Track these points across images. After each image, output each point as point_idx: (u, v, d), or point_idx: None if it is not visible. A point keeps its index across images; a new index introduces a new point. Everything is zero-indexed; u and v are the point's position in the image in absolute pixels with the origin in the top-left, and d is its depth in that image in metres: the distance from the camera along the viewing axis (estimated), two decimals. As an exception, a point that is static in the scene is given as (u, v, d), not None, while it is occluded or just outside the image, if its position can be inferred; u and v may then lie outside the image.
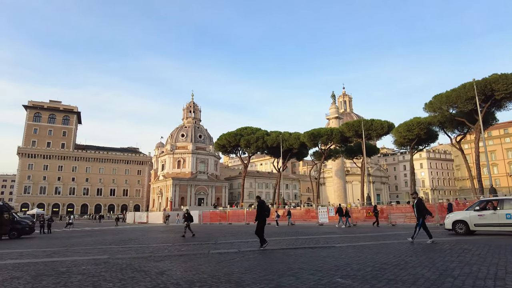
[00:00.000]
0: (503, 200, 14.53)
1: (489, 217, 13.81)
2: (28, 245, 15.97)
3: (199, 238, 16.89)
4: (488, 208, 14.16)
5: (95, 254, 11.19)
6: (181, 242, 14.85)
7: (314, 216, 35.24)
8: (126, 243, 15.35)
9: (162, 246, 13.52)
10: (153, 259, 9.38)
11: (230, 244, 13.56)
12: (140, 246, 13.49)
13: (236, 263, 7.99)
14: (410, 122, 47.39)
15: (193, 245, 13.32)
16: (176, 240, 16.64)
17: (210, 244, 13.88)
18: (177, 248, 12.52)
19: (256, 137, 61.58)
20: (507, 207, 13.69)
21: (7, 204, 23.60)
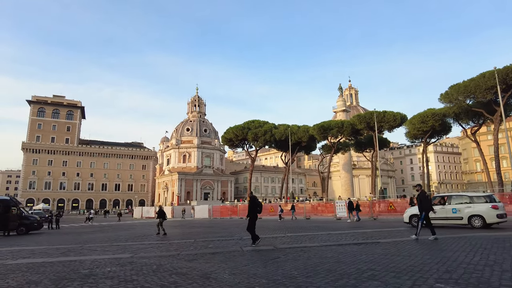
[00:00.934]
0: (451, 196, 16.18)
1: (439, 211, 15.05)
2: (38, 242, 14.98)
3: (220, 233, 15.80)
4: (440, 204, 15.57)
5: (114, 252, 10.13)
6: (203, 238, 13.77)
7: (325, 211, 34.35)
8: (143, 239, 14.31)
9: (184, 242, 12.43)
10: (183, 258, 8.29)
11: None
12: (161, 243, 12.42)
13: (286, 263, 6.88)
14: (424, 113, 45.95)
15: (218, 241, 12.23)
16: (193, 235, 15.56)
17: (236, 240, 12.79)
18: (202, 244, 11.43)
19: (264, 130, 60.34)
20: (454, 203, 15.42)
21: (15, 198, 22.65)
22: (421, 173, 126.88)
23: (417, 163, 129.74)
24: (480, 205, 14.87)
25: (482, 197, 15.45)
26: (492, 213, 14.30)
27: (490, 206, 14.54)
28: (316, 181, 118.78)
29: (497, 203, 14.90)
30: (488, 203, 14.70)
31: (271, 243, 11.17)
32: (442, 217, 15.39)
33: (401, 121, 50.03)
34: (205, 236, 14.68)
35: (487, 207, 14.58)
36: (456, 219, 15.19)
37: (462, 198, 15.79)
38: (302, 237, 12.83)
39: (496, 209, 14.38)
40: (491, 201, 14.82)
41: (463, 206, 15.17)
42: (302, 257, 7.73)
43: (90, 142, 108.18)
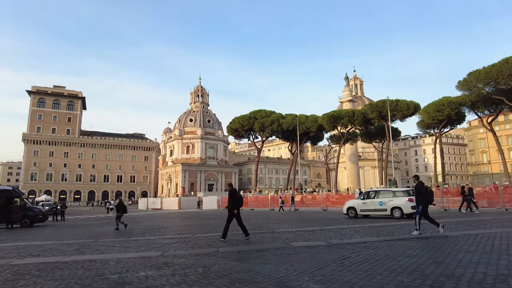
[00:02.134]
0: (379, 191, 19.15)
1: (369, 204, 17.97)
2: (45, 236, 13.55)
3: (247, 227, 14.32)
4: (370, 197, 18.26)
5: (137, 249, 8.68)
6: (229, 232, 12.30)
7: (335, 202, 33.10)
8: (161, 233, 12.87)
9: (210, 236, 10.99)
10: (226, 256, 6.86)
11: (294, 233, 11.02)
12: (186, 237, 10.97)
13: (373, 265, 5.41)
14: (440, 101, 44.27)
15: (250, 236, 10.76)
16: (214, 227, 14.09)
17: (268, 233, 11.34)
18: (235, 239, 9.97)
19: (271, 120, 58.76)
20: (381, 197, 17.86)
21: (17, 189, 21.19)
22: (425, 164, 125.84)
23: (422, 154, 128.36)
24: (400, 198, 17.04)
25: (402, 192, 17.75)
26: (408, 205, 16.28)
27: (407, 199, 16.54)
28: (320, 172, 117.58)
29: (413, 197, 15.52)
30: (406, 197, 16.76)
31: (317, 237, 9.69)
32: (372, 209, 17.99)
33: (415, 110, 48.37)
34: (230, 229, 13.23)
35: (405, 200, 16.64)
36: (382, 210, 17.52)
37: (387, 193, 18.44)
38: (343, 230, 11.39)
39: (412, 201, 15.72)
40: (408, 195, 16.71)
41: (387, 200, 17.51)
42: (377, 255, 6.27)
43: (92, 133, 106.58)
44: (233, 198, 10.07)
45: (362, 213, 18.35)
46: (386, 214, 17.32)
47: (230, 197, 10.15)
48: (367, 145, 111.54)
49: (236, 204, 10.01)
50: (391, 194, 17.91)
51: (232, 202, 10.05)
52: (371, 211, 18.11)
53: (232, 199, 10.07)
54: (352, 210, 18.71)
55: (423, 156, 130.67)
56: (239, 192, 10.60)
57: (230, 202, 10.11)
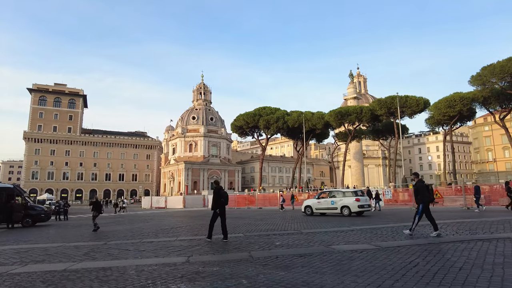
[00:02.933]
0: (331, 191, 20.80)
1: (323, 203, 19.76)
2: (49, 237, 12.47)
3: (263, 226, 13.23)
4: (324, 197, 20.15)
5: (156, 253, 7.60)
6: (247, 231, 11.22)
7: None
8: (175, 234, 11.79)
9: (231, 238, 9.86)
10: (265, 263, 5.77)
11: (325, 234, 9.91)
12: (206, 239, 9.87)
13: (451, 273, 4.31)
14: (451, 97, 43.06)
15: (277, 236, 9.67)
16: (231, 227, 12.95)
17: (295, 235, 10.24)
18: (263, 240, 8.87)
19: (276, 117, 57.58)
20: (333, 197, 19.58)
21: (19, 187, 20.14)
22: (429, 162, 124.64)
23: (425, 152, 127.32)
24: (348, 198, 18.72)
25: (350, 193, 19.52)
26: (355, 204, 18.21)
27: (354, 199, 18.33)
28: (323, 170, 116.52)
29: (360, 197, 18.61)
30: (353, 197, 18.51)
31: (356, 239, 8.59)
32: (325, 207, 19.77)
33: (424, 106, 47.18)
34: (249, 229, 12.16)
35: (353, 200, 18.35)
36: (333, 209, 19.33)
37: (338, 193, 20.16)
38: (378, 230, 10.28)
39: (358, 201, 18.23)
40: (356, 195, 18.68)
41: (338, 199, 19.25)
42: (448, 261, 5.17)
43: (93, 131, 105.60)
44: (218, 196, 9.47)
45: (318, 211, 20.14)
46: (337, 212, 19.09)
47: (215, 195, 9.59)
48: (371, 143, 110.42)
49: (220, 202, 9.42)
50: (342, 194, 19.71)
51: (216, 200, 9.48)
52: (324, 209, 19.83)
53: (216, 197, 9.49)
54: (309, 209, 20.45)
55: (427, 154, 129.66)
56: (224, 190, 10.13)
57: (214, 200, 9.55)
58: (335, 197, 19.60)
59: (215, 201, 9.54)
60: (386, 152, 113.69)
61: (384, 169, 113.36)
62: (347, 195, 19.24)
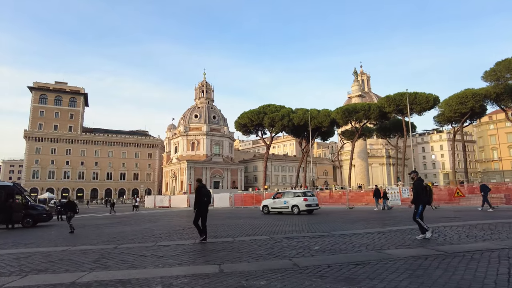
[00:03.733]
0: (284, 192, 22.85)
1: (277, 203, 21.52)
2: (52, 239, 11.38)
3: (283, 226, 12.12)
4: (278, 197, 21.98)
5: (179, 260, 6.48)
6: (269, 233, 10.11)
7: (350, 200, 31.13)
8: (191, 236, 10.68)
9: (257, 241, 8.76)
10: (318, 273, 4.67)
11: (363, 236, 8.78)
12: (229, 242, 8.76)
13: None
14: (463, 94, 41.88)
15: (308, 239, 8.57)
16: (252, 228, 11.89)
17: (327, 237, 9.12)
18: (297, 244, 7.76)
19: (281, 114, 56.38)
20: (285, 197, 21.29)
21: (19, 185, 19.04)
22: (433, 161, 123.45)
23: (429, 151, 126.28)
24: (298, 198, 20.45)
25: (300, 193, 21.28)
26: (303, 203, 20.01)
27: (303, 199, 20.12)
28: (327, 169, 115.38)
29: (308, 197, 20.42)
30: (302, 197, 20.33)
31: (405, 242, 7.45)
32: (279, 206, 21.46)
33: (434, 103, 45.96)
34: (271, 230, 11.05)
35: (301, 200, 20.13)
36: (286, 208, 20.95)
37: (290, 194, 21.95)
38: (417, 231, 9.17)
39: (306, 201, 20.08)
40: (304, 195, 20.57)
41: (289, 199, 20.86)
42: None
43: (94, 130, 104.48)
44: (200, 195, 9.00)
45: (274, 210, 21.90)
46: (289, 211, 20.72)
47: (197, 193, 9.07)
48: (374, 141, 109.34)
49: (202, 201, 8.98)
50: (292, 195, 21.51)
51: (198, 199, 9.01)
52: (279, 208, 21.55)
53: (199, 196, 9.01)
54: (266, 208, 22.40)
55: (430, 153, 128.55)
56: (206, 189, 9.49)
57: (197, 199, 9.08)
58: (287, 197, 21.45)
59: (197, 200, 9.03)
60: (390, 150, 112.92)
61: (388, 168, 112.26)
62: (297, 195, 21.08)
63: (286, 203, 21.05)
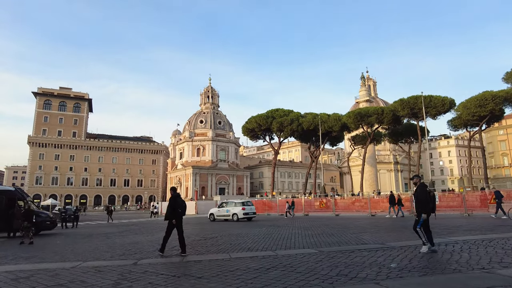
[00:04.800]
0: (227, 202, 25.67)
1: (221, 211, 24.52)
2: (58, 251, 9.87)
3: (322, 237, 10.57)
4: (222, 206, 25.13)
5: (224, 283, 4.97)
6: (321, 247, 8.58)
7: (363, 207, 29.58)
8: (221, 248, 9.14)
9: (307, 254, 7.23)
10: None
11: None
12: (276, 256, 7.23)
13: None
14: (482, 96, 40.31)
15: (361, 252, 7.03)
16: (287, 239, 10.35)
17: (387, 250, 7.58)
18: (354, 261, 6.21)
19: (290, 119, 54.99)
20: (228, 206, 24.44)
21: (21, 190, 17.62)
22: (441, 167, 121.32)
23: (437, 157, 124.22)
24: (237, 207, 23.38)
25: (240, 203, 24.10)
26: (241, 212, 22.79)
27: (241, 208, 23.01)
28: (333, 176, 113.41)
29: (246, 207, 23.39)
30: (240, 207, 23.26)
31: (493, 259, 5.90)
32: (223, 214, 24.16)
33: (450, 106, 44.42)
34: (312, 242, 9.51)
35: (240, 209, 22.97)
36: (228, 216, 23.68)
37: (231, 203, 24.65)
38: (496, 242, 7.61)
39: (244, 210, 22.95)
40: (242, 205, 23.46)
41: (230, 208, 23.82)
42: None
43: (98, 136, 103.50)
44: (174, 205, 8.21)
45: (218, 218, 24.47)
46: (230, 218, 23.46)
47: (172, 203, 8.28)
48: (382, 147, 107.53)
49: (176, 212, 8.21)
50: (233, 205, 24.25)
51: (172, 209, 8.18)
52: (222, 216, 24.17)
53: (173, 206, 8.20)
54: (212, 216, 25.12)
55: (438, 159, 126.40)
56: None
57: (170, 209, 8.23)
58: (229, 206, 24.33)
59: (171, 211, 8.18)
60: (398, 157, 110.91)
61: (396, 175, 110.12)
62: (237, 205, 23.96)
63: (228, 211, 23.95)
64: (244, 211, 22.92)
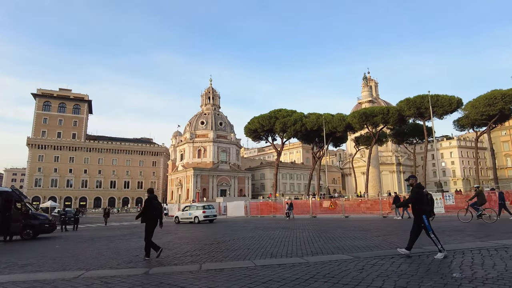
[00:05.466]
0: (190, 206, 28.72)
1: (185, 214, 26.83)
2: (57, 258, 8.93)
3: (355, 243, 9.65)
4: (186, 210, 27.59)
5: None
6: (351, 252, 7.66)
7: (369, 208, 28.78)
8: (242, 252, 8.22)
9: (345, 260, 6.30)
10: None
11: (493, 255, 6.34)
12: (307, 263, 6.30)
13: None
14: (491, 94, 39.45)
15: (398, 258, 6.11)
16: (310, 245, 9.42)
17: (432, 254, 6.66)
18: (422, 270, 5.29)
19: (293, 119, 54.02)
20: (191, 210, 26.72)
21: (19, 191, 16.67)
22: (443, 168, 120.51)
23: (439, 159, 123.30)
24: (198, 211, 25.67)
25: (201, 207, 26.48)
26: (202, 215, 25.15)
27: (201, 211, 25.38)
28: (335, 177, 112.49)
29: (206, 210, 25.70)
30: (201, 210, 25.58)
31: None
32: (186, 217, 26.17)
33: (457, 105, 43.54)
34: (338, 246, 8.59)
35: (200, 212, 25.29)
36: (190, 218, 25.76)
37: (193, 207, 27.13)
38: None
39: (204, 213, 25.27)
40: (203, 208, 25.90)
41: (193, 211, 26.01)
42: None
43: (98, 137, 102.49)
44: (148, 208, 7.98)
45: (183, 220, 26.47)
46: (192, 220, 25.44)
47: (146, 205, 8.04)
48: (384, 148, 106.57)
49: (150, 215, 7.98)
50: (195, 208, 26.57)
51: (145, 212, 8.00)
52: (186, 218, 26.18)
53: (146, 209, 7.99)
54: (177, 218, 27.16)
55: (440, 160, 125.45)
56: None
57: (143, 212, 8.06)
58: (192, 210, 26.44)
59: (145, 213, 8.00)
60: (400, 158, 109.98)
61: (399, 176, 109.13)
62: (198, 208, 26.11)
63: (190, 214, 25.92)
64: (204, 214, 25.18)
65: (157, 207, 8.23)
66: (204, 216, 24.89)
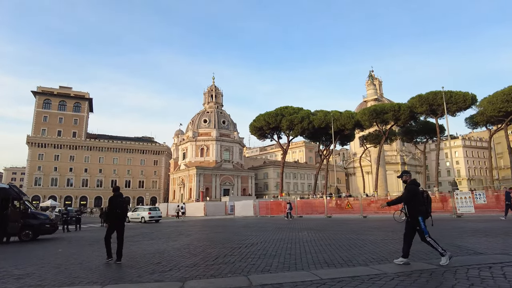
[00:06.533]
0: (138, 207, 33.56)
1: (134, 215, 30.67)
2: (61, 265, 7.46)
3: (394, 247, 8.23)
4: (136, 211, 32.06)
5: None
6: (418, 256, 6.24)
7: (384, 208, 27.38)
8: (263, 260, 6.76)
9: (417, 271, 4.87)
10: None
11: None
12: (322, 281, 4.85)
13: None
14: (509, 90, 38.01)
15: (469, 270, 4.69)
16: (349, 251, 7.98)
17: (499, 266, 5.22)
18: None
19: (300, 116, 52.55)
20: (139, 211, 30.99)
21: (17, 187, 15.19)
22: (447, 168, 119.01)
23: (443, 158, 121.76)
24: (144, 212, 29.83)
25: (147, 208, 30.80)
26: (148, 215, 28.96)
27: (147, 213, 29.31)
28: (339, 177, 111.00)
29: (152, 211, 29.80)
30: (147, 211, 29.63)
31: None
32: (135, 217, 30.02)
33: (472, 102, 42.09)
34: (379, 251, 7.17)
35: (146, 213, 29.27)
36: (138, 218, 29.54)
37: (141, 209, 31.68)
38: None
39: (150, 214, 29.25)
40: (149, 210, 30.08)
41: (140, 212, 30.28)
42: None
43: (99, 136, 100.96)
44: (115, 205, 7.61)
45: (132, 220, 29.72)
46: (140, 220, 28.68)
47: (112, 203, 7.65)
48: (388, 148, 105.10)
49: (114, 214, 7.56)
50: (142, 209, 30.70)
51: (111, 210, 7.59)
52: (135, 218, 29.76)
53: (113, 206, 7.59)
54: (127, 218, 28.38)
55: (445, 159, 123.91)
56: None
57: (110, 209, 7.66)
58: (140, 211, 30.35)
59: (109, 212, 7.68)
60: (405, 157, 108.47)
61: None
62: (145, 210, 30.09)
63: (138, 215, 29.54)
64: (150, 215, 28.68)
65: (120, 205, 7.73)
66: (149, 217, 28.42)
